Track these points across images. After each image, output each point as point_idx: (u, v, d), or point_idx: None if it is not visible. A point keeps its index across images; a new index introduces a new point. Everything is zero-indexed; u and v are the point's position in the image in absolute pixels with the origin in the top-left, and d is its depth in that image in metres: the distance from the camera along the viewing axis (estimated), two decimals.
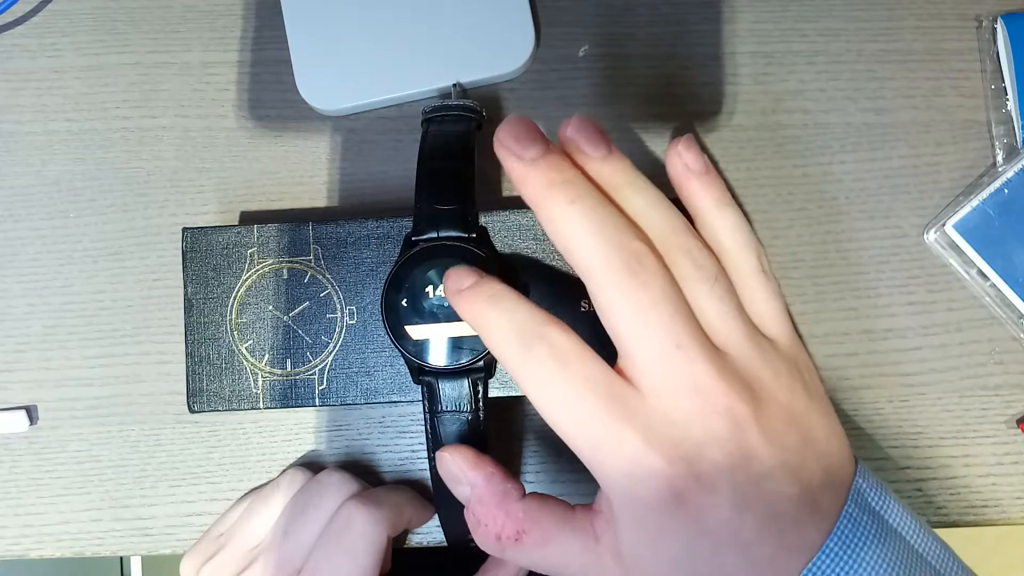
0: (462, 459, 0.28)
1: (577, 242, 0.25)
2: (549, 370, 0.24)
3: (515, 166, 0.25)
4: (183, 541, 0.38)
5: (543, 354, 0.24)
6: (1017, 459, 0.38)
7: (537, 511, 0.27)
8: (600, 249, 0.24)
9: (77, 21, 0.41)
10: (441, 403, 0.32)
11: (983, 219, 0.38)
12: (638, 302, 0.24)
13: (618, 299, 0.24)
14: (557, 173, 0.25)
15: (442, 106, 0.35)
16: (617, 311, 0.24)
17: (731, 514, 0.24)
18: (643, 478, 0.24)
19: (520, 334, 0.25)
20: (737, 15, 0.40)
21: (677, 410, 0.24)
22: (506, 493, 0.27)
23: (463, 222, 0.33)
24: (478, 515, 0.28)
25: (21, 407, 0.39)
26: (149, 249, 0.39)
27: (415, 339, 0.33)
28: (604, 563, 0.26)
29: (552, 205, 0.25)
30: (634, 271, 0.24)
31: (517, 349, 0.25)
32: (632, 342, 0.24)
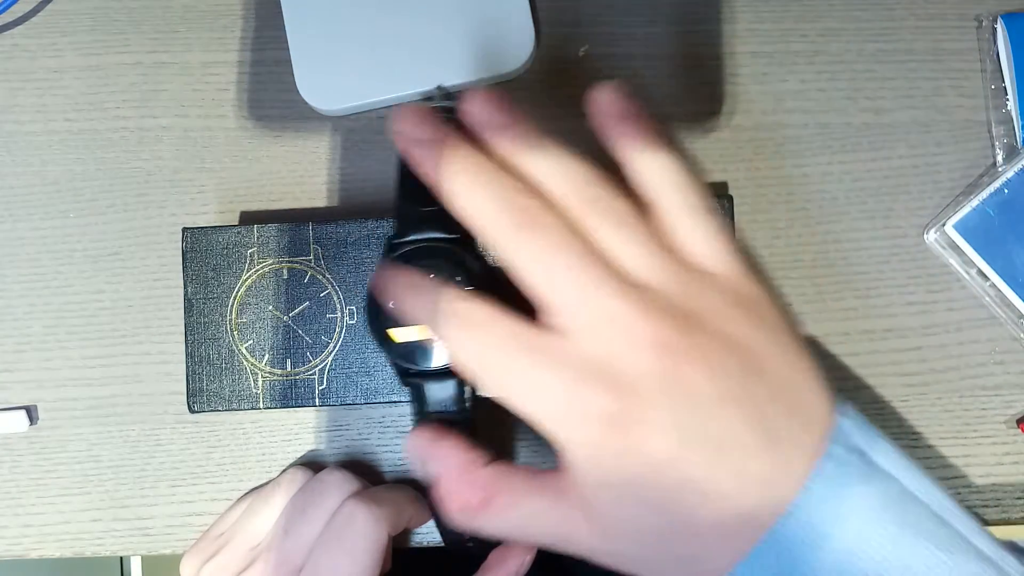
0: (427, 434, 0.28)
1: (475, 211, 0.25)
2: (462, 339, 0.25)
3: (411, 148, 0.26)
4: (183, 541, 0.38)
5: (456, 325, 0.25)
6: (1017, 459, 0.38)
7: (502, 476, 0.27)
8: (496, 211, 0.25)
9: (77, 21, 0.41)
10: (429, 405, 0.32)
11: (983, 219, 0.38)
12: (538, 250, 0.24)
13: (520, 253, 0.24)
14: (450, 150, 0.26)
15: None
16: (522, 265, 0.24)
17: (675, 446, 0.23)
18: (580, 419, 0.23)
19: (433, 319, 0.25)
20: (737, 15, 0.40)
21: (600, 348, 0.24)
22: (470, 462, 0.27)
23: (445, 223, 0.33)
24: (443, 488, 0.27)
25: (21, 407, 0.39)
26: (149, 249, 0.39)
27: (401, 341, 0.33)
28: (573, 519, 0.25)
29: (448, 182, 0.25)
30: (529, 224, 0.24)
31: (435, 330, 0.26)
32: (542, 291, 0.24)
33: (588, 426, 0.23)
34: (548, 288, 0.24)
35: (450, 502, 0.27)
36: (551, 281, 0.24)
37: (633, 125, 0.27)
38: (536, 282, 0.24)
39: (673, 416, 0.23)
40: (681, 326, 0.24)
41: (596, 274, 0.24)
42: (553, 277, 0.24)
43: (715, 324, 0.24)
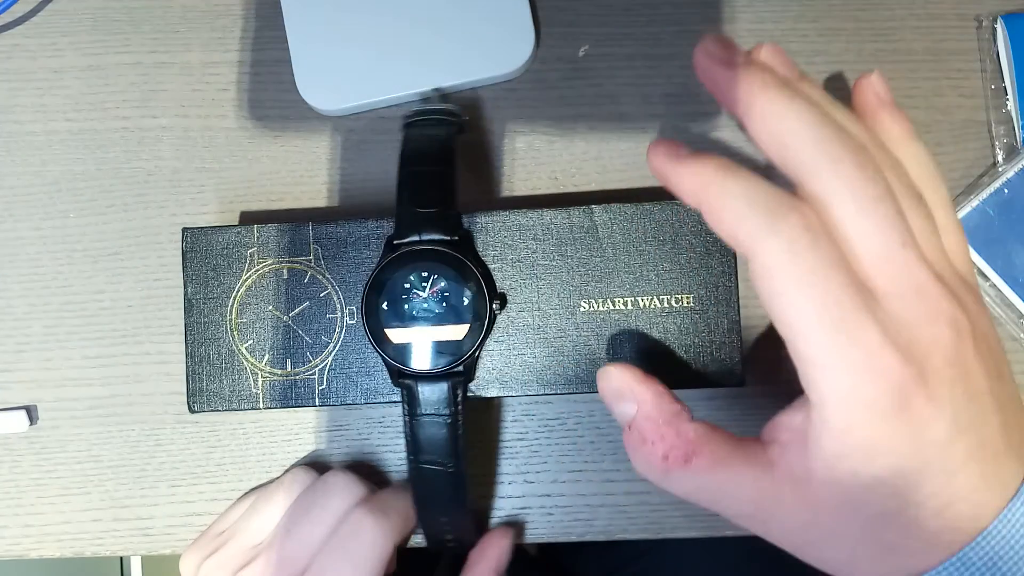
0: (630, 374, 0.27)
1: (801, 135, 0.23)
2: (802, 242, 0.22)
3: (722, 71, 0.24)
4: (183, 541, 0.38)
5: (796, 224, 0.22)
6: None
7: (709, 434, 0.25)
8: (829, 140, 0.23)
9: (77, 21, 0.41)
10: (421, 406, 0.32)
11: (983, 219, 0.38)
12: (868, 194, 0.23)
13: (848, 190, 0.23)
14: (770, 74, 0.24)
15: (422, 110, 0.35)
16: (846, 201, 0.23)
17: (947, 433, 0.22)
18: (876, 374, 0.22)
19: (768, 202, 0.23)
20: (737, 15, 0.40)
21: (906, 310, 0.23)
22: (677, 413, 0.26)
23: (445, 225, 0.33)
24: (645, 432, 0.26)
25: (21, 407, 0.39)
26: (149, 249, 0.39)
27: (395, 342, 0.33)
28: (780, 491, 0.24)
29: (772, 100, 0.23)
30: (862, 164, 0.23)
31: (765, 218, 0.23)
32: (869, 237, 0.23)
33: (879, 384, 0.22)
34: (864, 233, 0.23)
35: (649, 450, 0.26)
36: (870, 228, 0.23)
37: (900, 115, 0.27)
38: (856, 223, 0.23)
39: (954, 401, 0.23)
40: (968, 312, 0.24)
41: (909, 237, 0.23)
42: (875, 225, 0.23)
43: (980, 321, 0.24)
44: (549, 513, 0.38)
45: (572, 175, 0.39)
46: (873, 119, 0.27)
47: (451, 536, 0.35)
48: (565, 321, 0.35)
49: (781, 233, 0.22)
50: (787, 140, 0.23)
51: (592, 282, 0.35)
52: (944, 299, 0.23)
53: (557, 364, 0.35)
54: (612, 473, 0.38)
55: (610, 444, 0.38)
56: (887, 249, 0.23)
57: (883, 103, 0.27)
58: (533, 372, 0.35)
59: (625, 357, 0.34)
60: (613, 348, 0.34)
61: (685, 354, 0.34)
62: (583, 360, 0.34)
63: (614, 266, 0.35)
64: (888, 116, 0.27)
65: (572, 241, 0.35)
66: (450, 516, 0.34)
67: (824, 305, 0.22)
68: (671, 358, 0.34)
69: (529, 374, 0.35)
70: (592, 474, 0.38)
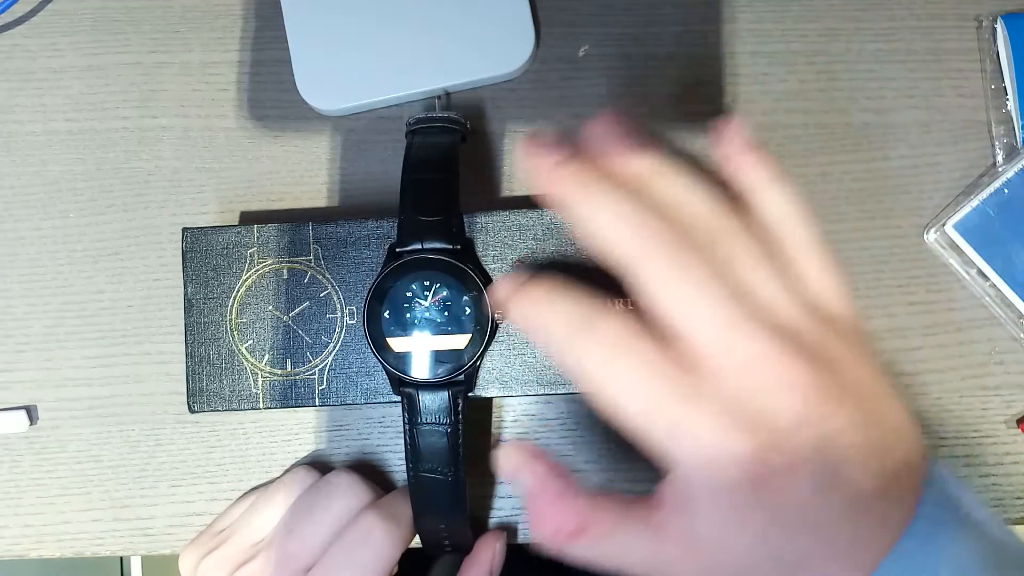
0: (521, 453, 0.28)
1: (616, 234, 0.24)
2: (608, 359, 0.24)
3: (542, 171, 0.25)
4: (183, 541, 0.38)
5: (600, 343, 0.24)
6: (1017, 459, 0.38)
7: (597, 505, 0.26)
8: (641, 237, 0.24)
9: (77, 21, 0.41)
10: (421, 415, 0.32)
11: (983, 219, 0.38)
12: (690, 281, 0.23)
13: (669, 281, 0.23)
14: (589, 171, 0.25)
15: (426, 118, 0.35)
16: (670, 294, 0.23)
17: (811, 495, 0.23)
18: (723, 460, 0.23)
19: (573, 325, 0.24)
20: (737, 15, 0.40)
21: (747, 388, 0.23)
22: (567, 487, 0.27)
23: (447, 234, 0.33)
24: (537, 510, 0.27)
25: (21, 407, 0.39)
26: (149, 249, 0.39)
27: (397, 351, 0.33)
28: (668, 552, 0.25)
29: (585, 202, 0.24)
30: (679, 254, 0.23)
31: (573, 342, 0.24)
32: (689, 322, 0.23)
33: (728, 467, 0.23)
34: (694, 319, 0.24)
35: (542, 525, 0.27)
36: (700, 313, 0.23)
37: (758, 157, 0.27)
38: (684, 312, 0.24)
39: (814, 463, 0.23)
40: (820, 371, 0.24)
41: (745, 310, 0.23)
42: (704, 310, 0.23)
43: (846, 371, 0.24)
44: None
45: None
46: (733, 166, 0.27)
47: (449, 542, 0.35)
48: None
49: (593, 347, 0.24)
50: (606, 239, 0.24)
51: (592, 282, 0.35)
52: (789, 363, 0.23)
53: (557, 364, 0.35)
54: (612, 473, 0.38)
55: (610, 444, 0.38)
56: (717, 330, 0.23)
57: (741, 149, 0.27)
58: (533, 372, 0.35)
59: None
60: None
61: None
62: None
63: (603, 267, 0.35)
64: (745, 163, 0.27)
65: (572, 241, 0.35)
66: (448, 524, 0.34)
67: (653, 412, 0.23)
68: None
69: (529, 374, 0.35)
70: (592, 474, 0.38)
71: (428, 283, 0.33)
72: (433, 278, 0.33)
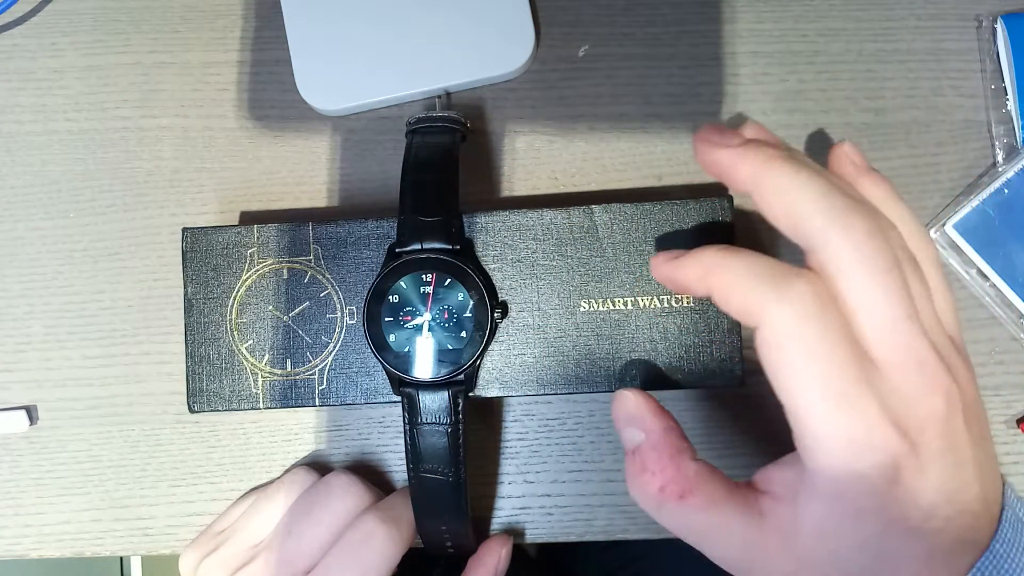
0: (645, 402, 0.27)
1: (810, 205, 0.24)
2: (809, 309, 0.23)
3: (726, 153, 0.25)
4: (183, 541, 0.38)
5: (803, 291, 0.23)
6: (1017, 459, 0.38)
7: (708, 475, 0.26)
8: (838, 209, 0.23)
9: (77, 21, 0.41)
10: (421, 415, 0.32)
11: (983, 219, 0.38)
12: (877, 264, 0.23)
13: (858, 259, 0.23)
14: (773, 148, 0.25)
15: (426, 117, 0.35)
16: (856, 271, 0.23)
17: (932, 500, 0.23)
18: (872, 449, 0.23)
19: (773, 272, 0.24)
20: (737, 15, 0.40)
21: (906, 384, 0.23)
22: (681, 450, 0.27)
23: (447, 234, 0.33)
24: (647, 462, 0.26)
25: (21, 407, 0.39)
26: (149, 249, 0.39)
27: (396, 351, 0.33)
28: (767, 540, 0.25)
29: (777, 174, 0.24)
30: (872, 232, 0.23)
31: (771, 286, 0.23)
32: (869, 307, 0.23)
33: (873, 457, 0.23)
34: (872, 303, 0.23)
35: (647, 479, 0.26)
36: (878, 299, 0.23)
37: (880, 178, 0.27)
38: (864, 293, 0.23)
39: (941, 471, 0.23)
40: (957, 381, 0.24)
41: (913, 308, 0.23)
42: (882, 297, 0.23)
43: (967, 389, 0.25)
44: (549, 513, 0.38)
45: (572, 175, 0.39)
46: (856, 185, 0.27)
47: (450, 543, 0.35)
48: (565, 321, 0.35)
49: (788, 300, 0.23)
50: (796, 210, 0.24)
51: (592, 282, 0.35)
52: (940, 371, 0.24)
53: (557, 364, 0.35)
54: (612, 473, 0.38)
55: (610, 444, 0.38)
56: (893, 321, 0.23)
57: (861, 169, 0.28)
58: (533, 372, 0.35)
59: (625, 358, 0.34)
60: (613, 348, 0.34)
61: (685, 354, 0.34)
62: (583, 360, 0.34)
63: (614, 266, 0.35)
64: (870, 181, 0.27)
65: (572, 241, 0.35)
66: (449, 525, 0.34)
67: (828, 379, 0.23)
68: (671, 358, 0.34)
69: (529, 374, 0.35)
70: (592, 474, 0.38)
71: (427, 283, 0.33)
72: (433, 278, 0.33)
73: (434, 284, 0.33)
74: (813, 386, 0.23)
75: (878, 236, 0.23)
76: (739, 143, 0.25)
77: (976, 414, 0.25)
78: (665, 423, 0.27)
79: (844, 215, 0.23)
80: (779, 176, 0.24)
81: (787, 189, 0.24)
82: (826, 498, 0.24)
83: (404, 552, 0.34)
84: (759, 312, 0.23)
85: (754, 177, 0.25)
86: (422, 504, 0.33)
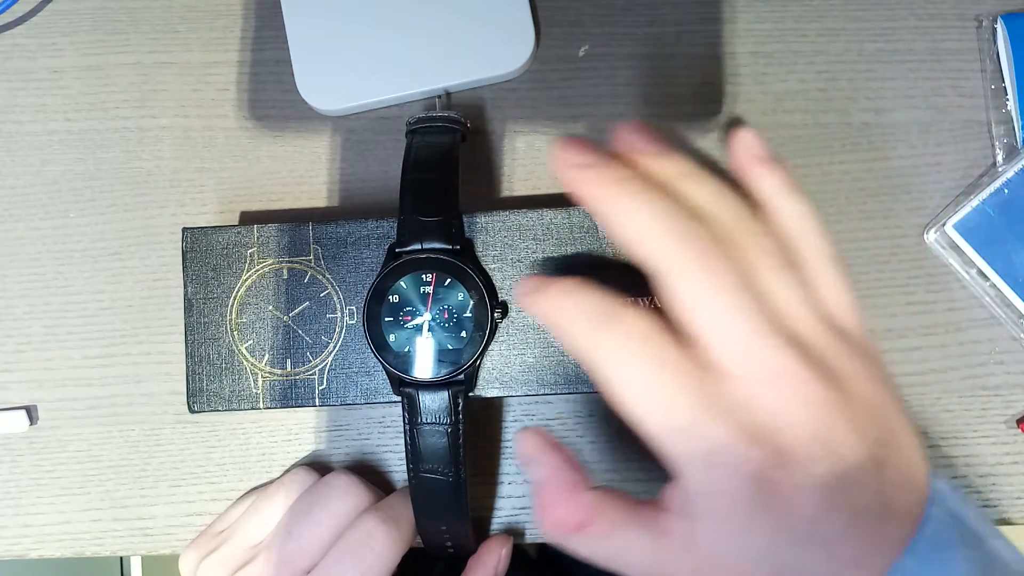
0: (536, 441, 0.28)
1: (647, 235, 0.24)
2: (628, 353, 0.24)
3: (573, 174, 0.25)
4: (183, 541, 0.38)
5: (621, 336, 0.24)
6: (1017, 459, 0.38)
7: (604, 503, 0.26)
8: (673, 240, 0.24)
9: (77, 21, 0.41)
10: (421, 415, 0.32)
11: (983, 219, 0.38)
12: (717, 287, 0.23)
13: (696, 286, 0.24)
14: (618, 173, 0.25)
15: (426, 117, 0.35)
16: (696, 297, 0.24)
17: (817, 509, 0.23)
18: (729, 468, 0.23)
19: (595, 319, 0.24)
20: (737, 15, 0.40)
21: (763, 397, 0.23)
22: (576, 482, 0.27)
23: (447, 234, 0.33)
24: (546, 498, 0.27)
25: (21, 407, 0.39)
26: (149, 249, 0.39)
27: (397, 351, 0.33)
28: (671, 558, 0.25)
29: (617, 203, 0.24)
30: (709, 258, 0.24)
31: (593, 335, 0.24)
32: (713, 328, 0.24)
33: (737, 478, 0.23)
34: (718, 325, 0.24)
35: (547, 516, 0.27)
36: (724, 320, 0.24)
37: (775, 168, 0.27)
38: (708, 317, 0.24)
39: (821, 479, 0.23)
40: (834, 387, 0.24)
41: (767, 321, 0.24)
42: (728, 317, 0.24)
43: (861, 385, 0.24)
44: None
45: None
46: (749, 176, 0.28)
47: (450, 543, 0.35)
48: None
49: (616, 345, 0.24)
50: (635, 237, 0.24)
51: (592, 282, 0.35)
52: (805, 379, 0.23)
53: (557, 364, 0.35)
54: (612, 473, 0.38)
55: (610, 444, 0.38)
56: (744, 340, 0.23)
57: (757, 159, 0.28)
58: (533, 372, 0.35)
59: None
60: None
61: None
62: None
63: (614, 266, 0.35)
64: (764, 171, 0.27)
65: (572, 241, 0.35)
66: (449, 525, 0.34)
67: (671, 411, 0.23)
68: None
69: (529, 374, 0.35)
70: (592, 474, 0.38)
71: (427, 283, 0.33)
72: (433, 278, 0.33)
73: (434, 284, 0.33)
74: (658, 420, 0.24)
75: (715, 260, 0.24)
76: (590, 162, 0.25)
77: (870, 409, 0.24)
78: (558, 458, 0.28)
79: (678, 245, 0.24)
80: (617, 204, 0.24)
81: (625, 217, 0.24)
82: (708, 518, 0.24)
83: (404, 552, 0.34)
84: (592, 357, 0.24)
85: (595, 203, 0.25)
86: (422, 504, 0.33)
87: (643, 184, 0.25)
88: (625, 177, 0.25)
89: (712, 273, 0.24)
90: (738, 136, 0.28)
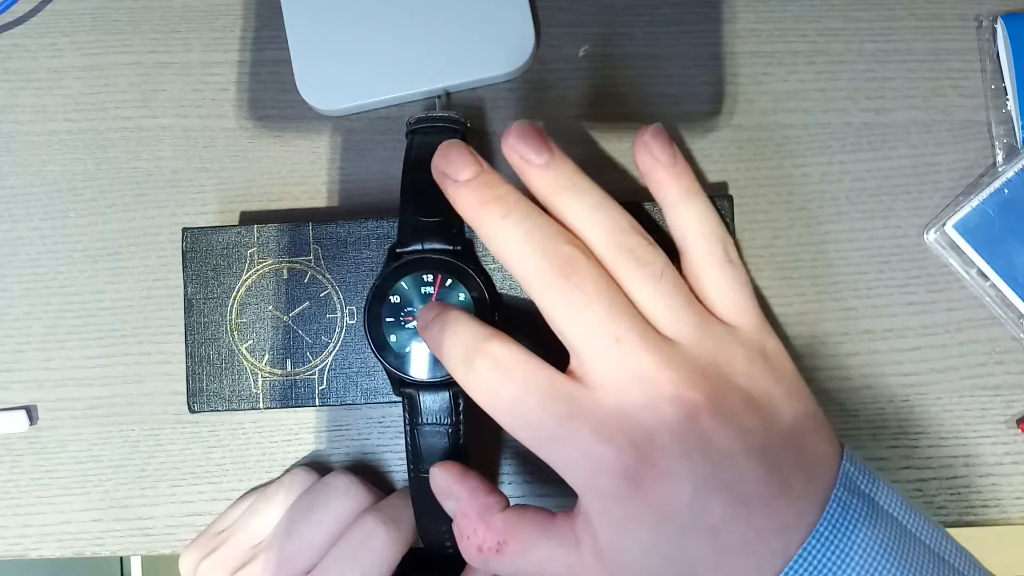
0: (448, 474, 0.29)
1: (512, 253, 0.26)
2: (492, 381, 0.25)
3: (450, 189, 0.27)
4: (183, 541, 0.38)
5: (484, 367, 0.26)
6: (1017, 459, 0.38)
7: (517, 521, 0.27)
8: (533, 257, 0.25)
9: (77, 21, 0.41)
10: (422, 415, 0.32)
11: (983, 219, 0.38)
12: (573, 302, 0.25)
13: (555, 301, 0.25)
14: (488, 191, 0.26)
15: (426, 117, 0.35)
16: (557, 313, 0.25)
17: (692, 499, 0.24)
18: (598, 470, 0.24)
19: (463, 352, 0.26)
20: (737, 15, 0.40)
21: (624, 402, 0.25)
22: (487, 507, 0.28)
23: (448, 235, 0.33)
24: (461, 528, 0.28)
25: (21, 407, 0.39)
26: (149, 249, 0.39)
27: (397, 351, 0.33)
28: (585, 564, 0.26)
29: (486, 221, 0.26)
30: (566, 274, 0.25)
31: (463, 367, 0.26)
32: (574, 341, 0.25)
33: (608, 478, 0.24)
34: (579, 338, 0.25)
35: (467, 543, 0.28)
36: (582, 331, 0.25)
37: (674, 172, 0.28)
38: (569, 331, 0.25)
39: (692, 470, 0.24)
40: (700, 383, 0.25)
41: (625, 329, 0.25)
42: (585, 328, 0.25)
43: (737, 379, 0.25)
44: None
45: None
46: (650, 180, 0.29)
47: (450, 543, 0.35)
48: None
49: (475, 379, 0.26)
50: (505, 258, 0.26)
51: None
52: (666, 380, 0.24)
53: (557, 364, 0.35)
54: None
55: None
56: (602, 347, 0.25)
57: (658, 163, 0.28)
58: None
59: None
60: None
61: None
62: None
63: None
64: (664, 176, 0.28)
65: None
66: (449, 525, 0.34)
67: (535, 430, 0.25)
68: None
69: None
70: None
71: (428, 283, 0.33)
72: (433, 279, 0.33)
73: (435, 285, 0.33)
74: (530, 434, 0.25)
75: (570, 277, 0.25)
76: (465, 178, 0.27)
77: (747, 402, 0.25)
78: (469, 486, 0.29)
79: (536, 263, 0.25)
80: (486, 223, 0.26)
81: (492, 236, 0.26)
82: (598, 519, 0.25)
83: (404, 552, 0.34)
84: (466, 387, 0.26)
85: (470, 220, 0.27)
86: (422, 504, 0.33)
87: (515, 202, 0.26)
88: (495, 196, 0.26)
89: (567, 287, 0.25)
90: (640, 140, 0.29)
